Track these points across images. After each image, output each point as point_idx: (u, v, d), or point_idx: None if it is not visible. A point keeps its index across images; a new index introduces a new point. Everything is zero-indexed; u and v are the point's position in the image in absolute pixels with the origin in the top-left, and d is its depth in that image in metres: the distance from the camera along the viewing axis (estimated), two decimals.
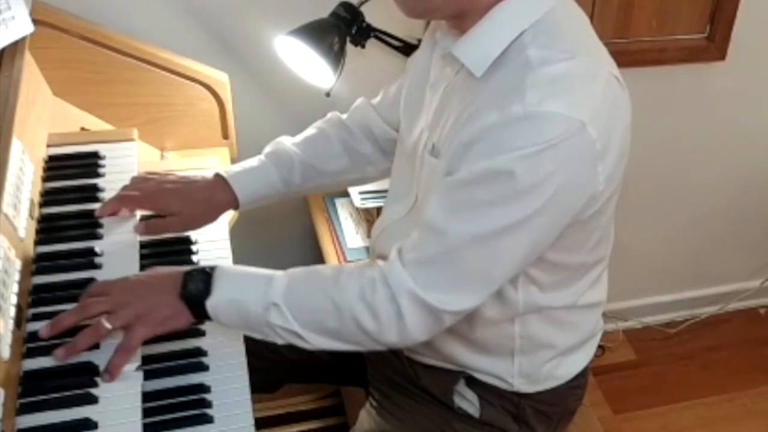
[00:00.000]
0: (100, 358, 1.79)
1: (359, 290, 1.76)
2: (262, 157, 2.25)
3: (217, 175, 2.19)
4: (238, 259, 2.17)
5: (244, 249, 2.31)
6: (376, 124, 2.30)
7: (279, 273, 1.86)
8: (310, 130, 2.32)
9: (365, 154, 2.31)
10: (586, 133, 1.61)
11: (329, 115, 2.35)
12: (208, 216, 2.17)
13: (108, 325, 1.78)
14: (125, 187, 2.16)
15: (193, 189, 2.16)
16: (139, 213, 2.17)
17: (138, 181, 2.17)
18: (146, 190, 2.14)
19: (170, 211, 2.12)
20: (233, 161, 2.65)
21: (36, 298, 1.90)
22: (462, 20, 1.79)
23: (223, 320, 1.85)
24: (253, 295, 1.81)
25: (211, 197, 2.16)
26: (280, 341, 1.85)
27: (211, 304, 1.81)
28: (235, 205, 2.19)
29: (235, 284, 1.84)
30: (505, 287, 1.89)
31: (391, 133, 2.25)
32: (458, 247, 1.69)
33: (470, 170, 1.66)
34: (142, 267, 2.05)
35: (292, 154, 2.24)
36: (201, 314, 1.83)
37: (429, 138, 1.91)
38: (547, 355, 2.05)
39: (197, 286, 1.83)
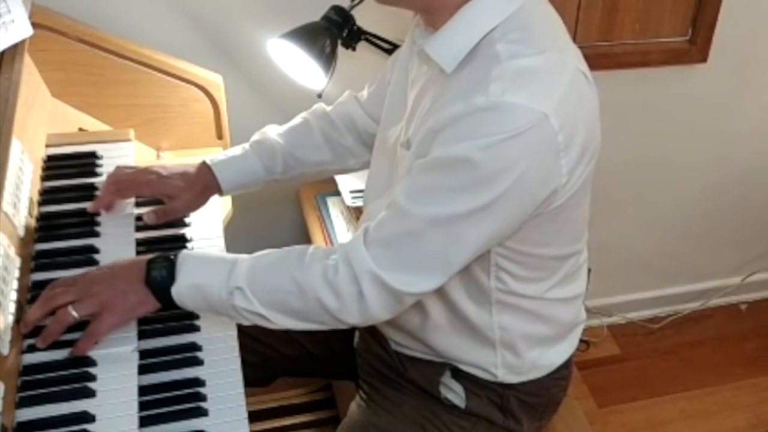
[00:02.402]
0: (98, 353, 1.80)
1: (322, 271, 1.78)
2: (246, 146, 2.28)
3: (203, 162, 2.23)
4: None
5: (237, 246, 2.32)
6: (360, 117, 2.33)
7: (242, 256, 1.88)
8: (295, 121, 2.35)
9: (347, 147, 2.34)
10: (548, 124, 1.62)
11: (315, 106, 2.37)
12: (199, 199, 2.22)
13: (74, 314, 1.80)
14: (113, 176, 2.19)
15: (184, 174, 2.21)
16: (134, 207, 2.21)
17: (131, 172, 2.20)
18: (140, 178, 2.17)
19: (167, 193, 2.18)
20: None
21: (35, 294, 1.89)
22: (433, 16, 1.81)
23: (189, 305, 1.86)
24: (217, 279, 1.82)
25: (199, 179, 2.21)
26: (245, 323, 1.88)
27: (176, 290, 1.83)
28: (219, 191, 2.24)
29: (198, 269, 1.85)
30: (477, 277, 1.92)
31: (373, 127, 2.26)
32: (419, 229, 1.71)
33: (435, 155, 1.68)
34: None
35: (275, 144, 2.27)
36: (167, 300, 1.85)
37: (405, 133, 1.93)
38: (528, 346, 2.06)
39: (161, 272, 1.84)
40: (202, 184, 2.21)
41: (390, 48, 2.54)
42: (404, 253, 1.74)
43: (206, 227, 2.22)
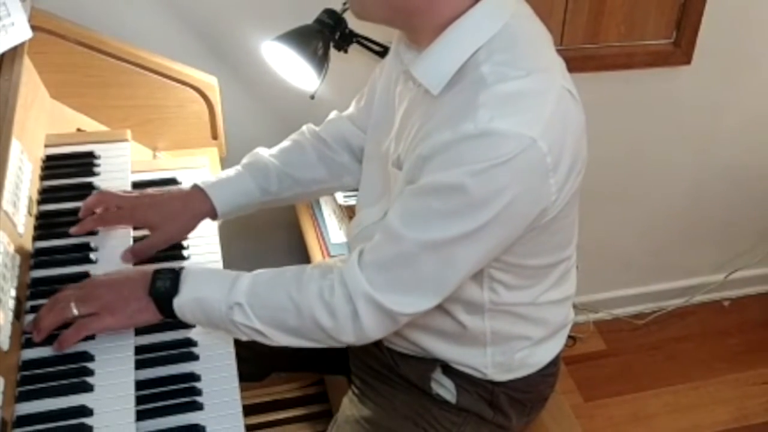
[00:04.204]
0: (96, 348, 1.81)
1: (318, 291, 1.78)
2: (239, 167, 2.23)
3: (194, 186, 2.17)
4: (226, 254, 2.19)
5: (232, 244, 2.32)
6: (353, 135, 2.30)
7: (244, 273, 1.87)
8: (286, 142, 2.31)
9: (343, 164, 2.31)
10: (537, 148, 1.60)
11: (303, 127, 2.34)
12: (187, 226, 2.14)
13: (75, 310, 1.80)
14: (98, 203, 2.11)
15: (169, 200, 2.14)
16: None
17: (113, 199, 2.12)
18: (124, 207, 2.10)
19: (150, 225, 2.10)
20: (222, 161, 2.66)
21: (34, 291, 1.91)
22: (416, 35, 1.80)
23: (189, 318, 1.86)
24: (218, 294, 1.82)
25: (186, 207, 2.13)
26: (243, 338, 1.88)
27: (178, 302, 1.83)
28: (213, 214, 2.17)
29: (201, 284, 1.85)
30: (470, 289, 1.91)
31: None
32: (412, 252, 1.70)
33: (426, 181, 1.67)
34: (135, 263, 2.06)
35: (268, 164, 2.23)
36: (168, 311, 1.85)
37: (395, 149, 1.92)
38: (518, 347, 2.07)
39: (165, 284, 1.84)
40: (191, 212, 2.14)
41: (381, 50, 2.54)
42: (398, 276, 1.74)
43: (201, 226, 2.21)
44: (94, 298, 1.82)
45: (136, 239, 2.12)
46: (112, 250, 2.06)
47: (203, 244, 2.20)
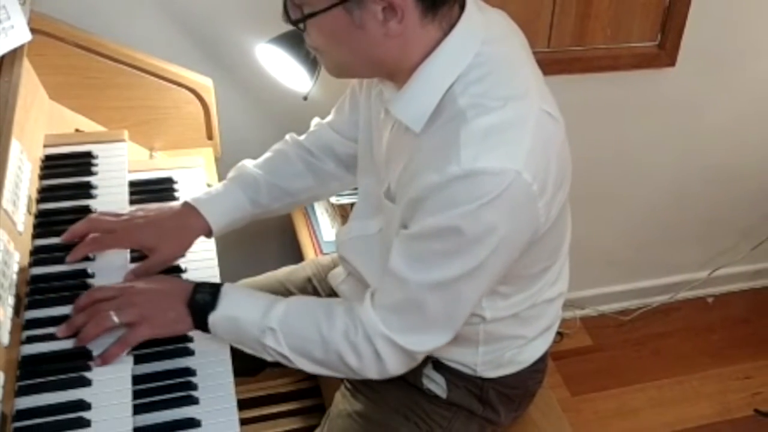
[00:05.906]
0: (94, 344, 1.81)
1: (344, 329, 1.80)
2: (226, 182, 2.21)
3: (186, 203, 2.13)
4: (221, 252, 2.19)
5: (226, 242, 2.32)
6: (338, 142, 2.27)
7: (279, 299, 1.90)
8: (270, 153, 2.29)
9: (329, 172, 2.29)
10: (522, 179, 1.60)
11: (286, 137, 2.32)
12: (184, 245, 2.10)
13: (115, 319, 1.81)
14: (91, 227, 2.06)
15: (163, 219, 2.09)
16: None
17: (106, 222, 2.07)
18: (119, 229, 2.05)
19: (146, 246, 2.05)
20: (217, 160, 2.66)
21: (34, 287, 1.91)
22: (393, 77, 1.80)
23: (220, 333, 1.88)
24: (253, 316, 1.85)
25: (182, 225, 2.10)
26: (269, 359, 1.90)
27: (213, 318, 1.85)
28: (207, 231, 2.13)
29: (238, 303, 1.87)
30: None
31: (355, 148, 2.21)
32: (420, 294, 1.72)
33: (421, 226, 1.68)
34: (133, 260, 2.07)
35: (256, 176, 2.21)
36: (201, 325, 1.87)
37: (385, 176, 1.92)
38: (511, 346, 2.08)
39: (204, 297, 1.86)
40: (187, 231, 2.11)
41: None
42: (410, 317, 1.76)
43: None
44: (132, 306, 1.84)
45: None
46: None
47: (198, 242, 2.18)
